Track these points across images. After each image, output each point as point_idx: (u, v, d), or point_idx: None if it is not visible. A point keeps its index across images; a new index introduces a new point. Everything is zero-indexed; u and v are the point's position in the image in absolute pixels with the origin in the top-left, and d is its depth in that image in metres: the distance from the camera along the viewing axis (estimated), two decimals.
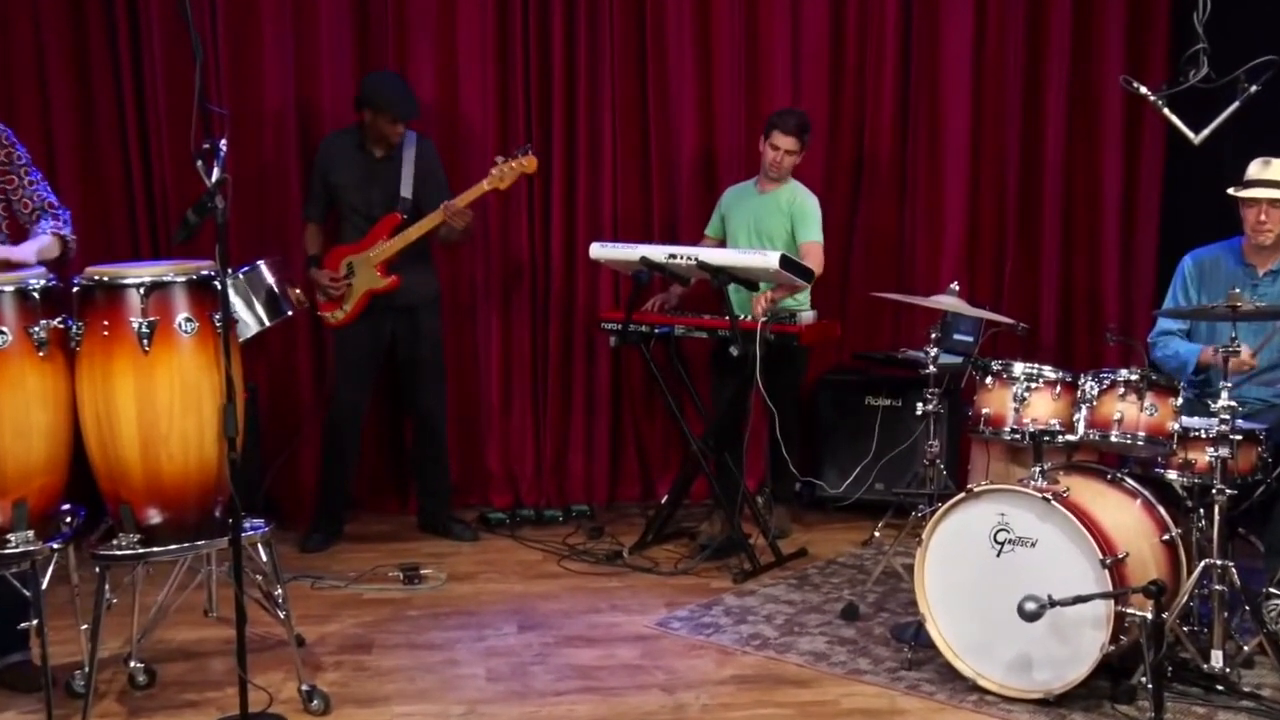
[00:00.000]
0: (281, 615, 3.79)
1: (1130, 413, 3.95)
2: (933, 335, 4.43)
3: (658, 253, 5.00)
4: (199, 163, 3.41)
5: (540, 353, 5.92)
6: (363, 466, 5.65)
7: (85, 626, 3.55)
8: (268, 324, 4.39)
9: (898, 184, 6.06)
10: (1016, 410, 4.09)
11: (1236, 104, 4.06)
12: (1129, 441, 3.96)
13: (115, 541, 3.51)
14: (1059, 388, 4.09)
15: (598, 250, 5.22)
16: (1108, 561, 3.59)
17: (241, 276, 4.26)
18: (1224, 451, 3.76)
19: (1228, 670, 3.73)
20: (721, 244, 5.44)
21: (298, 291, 5.14)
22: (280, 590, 3.78)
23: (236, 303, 4.14)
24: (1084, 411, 4.00)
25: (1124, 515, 3.87)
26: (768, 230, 5.29)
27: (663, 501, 5.40)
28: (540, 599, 4.70)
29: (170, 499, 3.50)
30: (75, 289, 3.51)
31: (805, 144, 5.24)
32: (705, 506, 5.55)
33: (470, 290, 5.84)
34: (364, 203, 5.19)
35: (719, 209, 5.53)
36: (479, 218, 5.44)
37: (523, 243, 5.84)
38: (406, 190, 5.15)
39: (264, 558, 3.74)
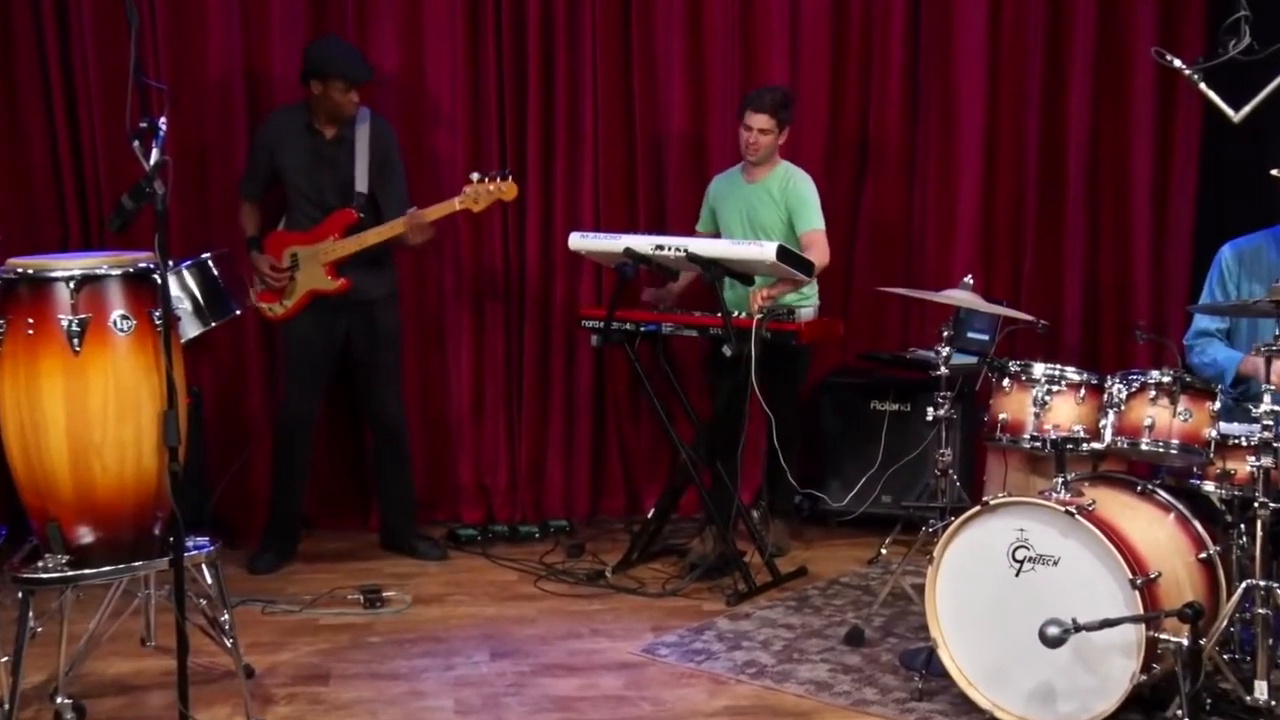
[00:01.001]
0: (228, 643, 3.76)
1: (1162, 418, 3.94)
2: (944, 334, 4.43)
3: (643, 243, 4.99)
4: (136, 143, 3.39)
5: (515, 353, 5.91)
6: (319, 479, 5.63)
7: (5, 659, 3.52)
8: (213, 323, 4.36)
9: (906, 168, 6.06)
10: (1037, 415, 4.09)
11: None
12: (1161, 450, 3.95)
13: (41, 563, 3.47)
14: (1083, 391, 4.08)
15: (577, 241, 5.21)
16: (1138, 582, 3.57)
17: (184, 270, 4.23)
18: (1267, 461, 3.74)
19: (1273, 703, 3.70)
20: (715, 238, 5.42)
21: (253, 291, 5.10)
22: (227, 616, 3.74)
23: (179, 298, 4.10)
24: (1111, 417, 4.00)
25: (1156, 531, 3.86)
26: (762, 223, 5.29)
27: (649, 516, 5.40)
28: (515, 623, 4.68)
29: (104, 515, 3.47)
30: None
31: (784, 121, 5.23)
32: (696, 521, 5.54)
33: (437, 285, 5.83)
34: (313, 189, 5.16)
35: (708, 201, 5.53)
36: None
37: (495, 233, 5.83)
38: (362, 182, 5.13)
39: (209, 580, 3.71)
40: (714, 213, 5.48)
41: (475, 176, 5.06)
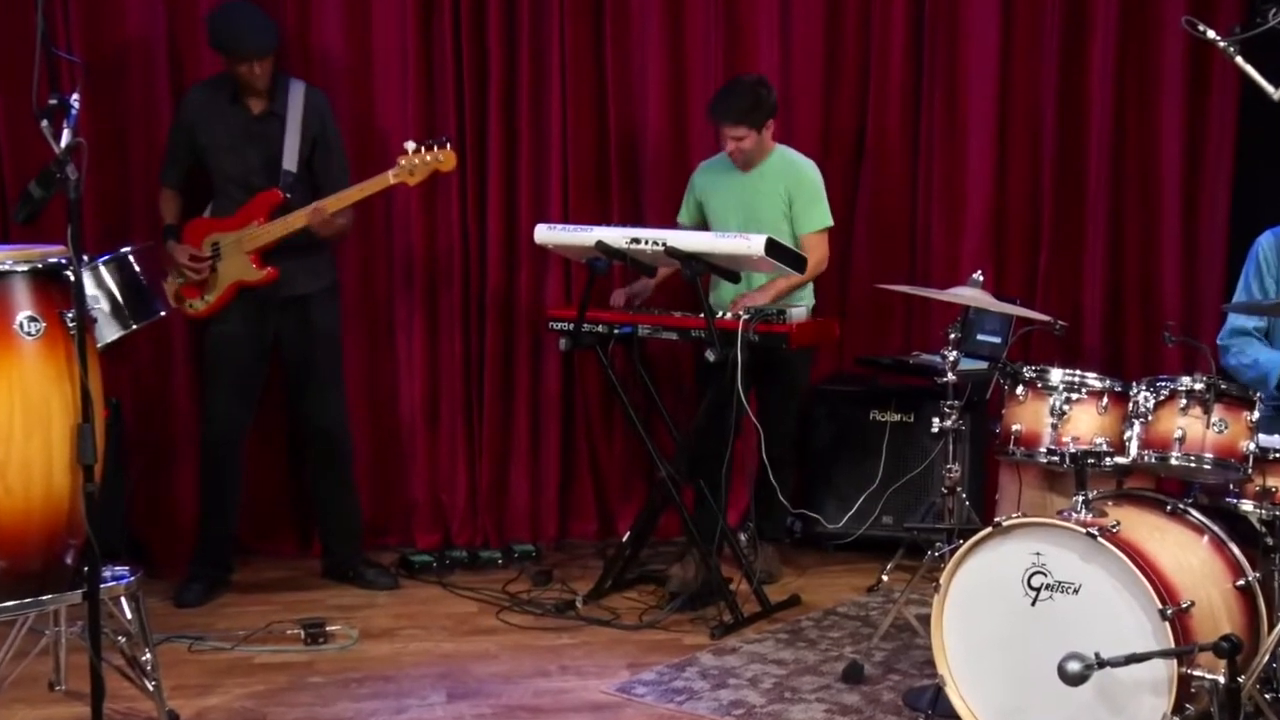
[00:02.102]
0: (150, 686, 3.74)
1: (1195, 429, 3.94)
2: (951, 336, 4.44)
3: (617, 236, 5.00)
4: (44, 123, 3.36)
5: (474, 356, 5.90)
6: (253, 498, 5.60)
7: None
8: (134, 326, 4.33)
9: (909, 153, 6.09)
10: (1054, 427, 4.10)
11: None
12: (1193, 465, 3.95)
13: None
14: (1106, 399, 4.09)
15: (544, 234, 5.21)
16: (1169, 612, 3.57)
17: (101, 266, 4.19)
18: None
19: None
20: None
21: (169, 285, 5.07)
22: (149, 655, 3.73)
23: (94, 298, 4.07)
24: (1137, 428, 4.00)
25: (1188, 555, 3.85)
26: (764, 217, 5.29)
27: (625, 539, 5.40)
28: (475, 660, 4.68)
29: (8, 543, 3.42)
30: None
31: (762, 119, 5.23)
32: (676, 545, 5.55)
33: (387, 283, 5.82)
34: (240, 169, 5.13)
35: (691, 191, 5.54)
36: (388, 202, 5.36)
37: (453, 222, 5.82)
38: (291, 159, 5.11)
39: (128, 614, 3.69)
40: (700, 206, 5.49)
41: (410, 146, 5.03)
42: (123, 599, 3.66)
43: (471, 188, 5.81)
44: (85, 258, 3.67)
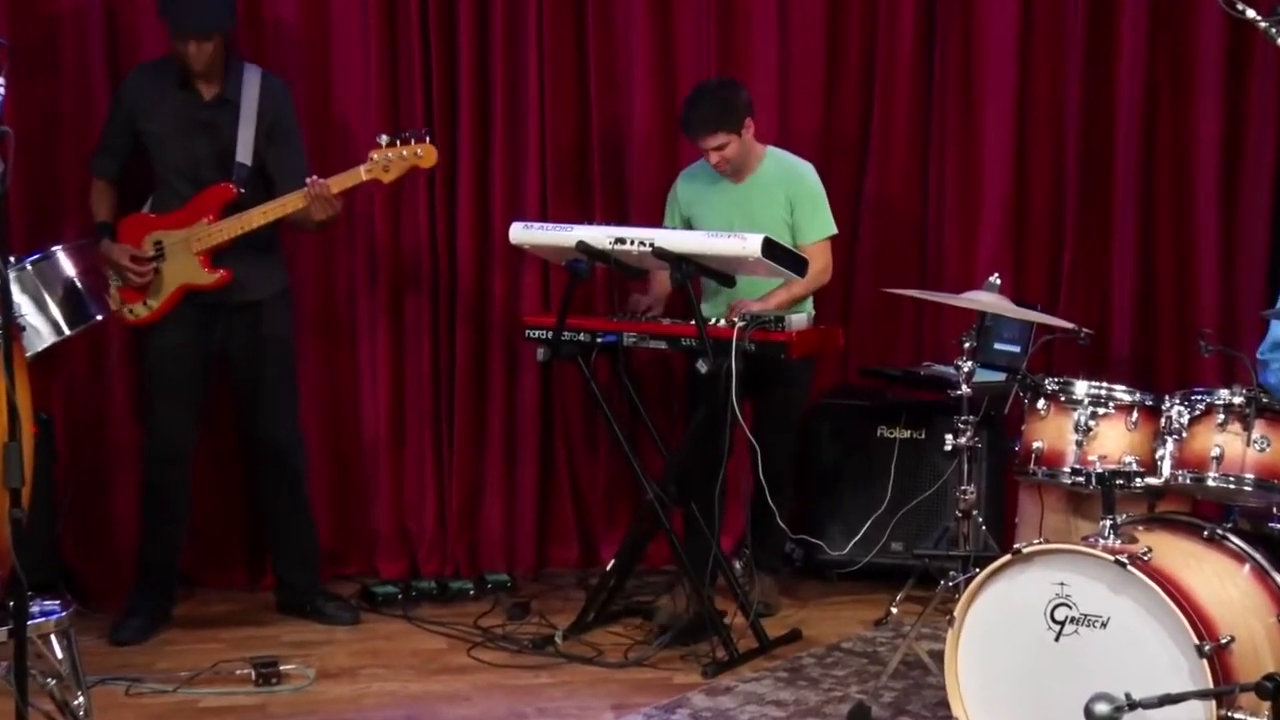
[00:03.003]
0: None
1: (1234, 447, 3.92)
2: (966, 345, 4.44)
3: (599, 236, 5.00)
4: None
5: (444, 368, 5.90)
6: (199, 525, 5.57)
7: None
8: (68, 332, 4.32)
9: (919, 144, 6.08)
10: (1079, 444, 4.10)
11: None
12: (1232, 486, 3.94)
13: None
14: (1136, 414, 4.09)
15: (520, 233, 5.21)
16: (1206, 648, 3.56)
17: (29, 267, 4.18)
18: None
19: None
20: None
21: (113, 288, 5.04)
22: (81, 699, 3.72)
23: (22, 303, 4.05)
24: (1170, 446, 3.99)
25: (1227, 586, 3.84)
26: (762, 228, 5.22)
27: (609, 568, 5.38)
28: (444, 701, 4.67)
29: None
30: None
31: (740, 121, 5.24)
32: (665, 575, 5.56)
33: (349, 288, 5.81)
34: (187, 160, 5.10)
35: (675, 204, 5.55)
36: (350, 197, 5.34)
37: (420, 220, 5.82)
38: (245, 151, 5.06)
39: (59, 653, 3.69)
40: (687, 221, 5.49)
41: (384, 139, 5.01)
42: (52, 636, 3.65)
43: (441, 182, 5.80)
44: (12, 258, 3.64)
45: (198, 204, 5.06)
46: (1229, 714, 3.53)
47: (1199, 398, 4.00)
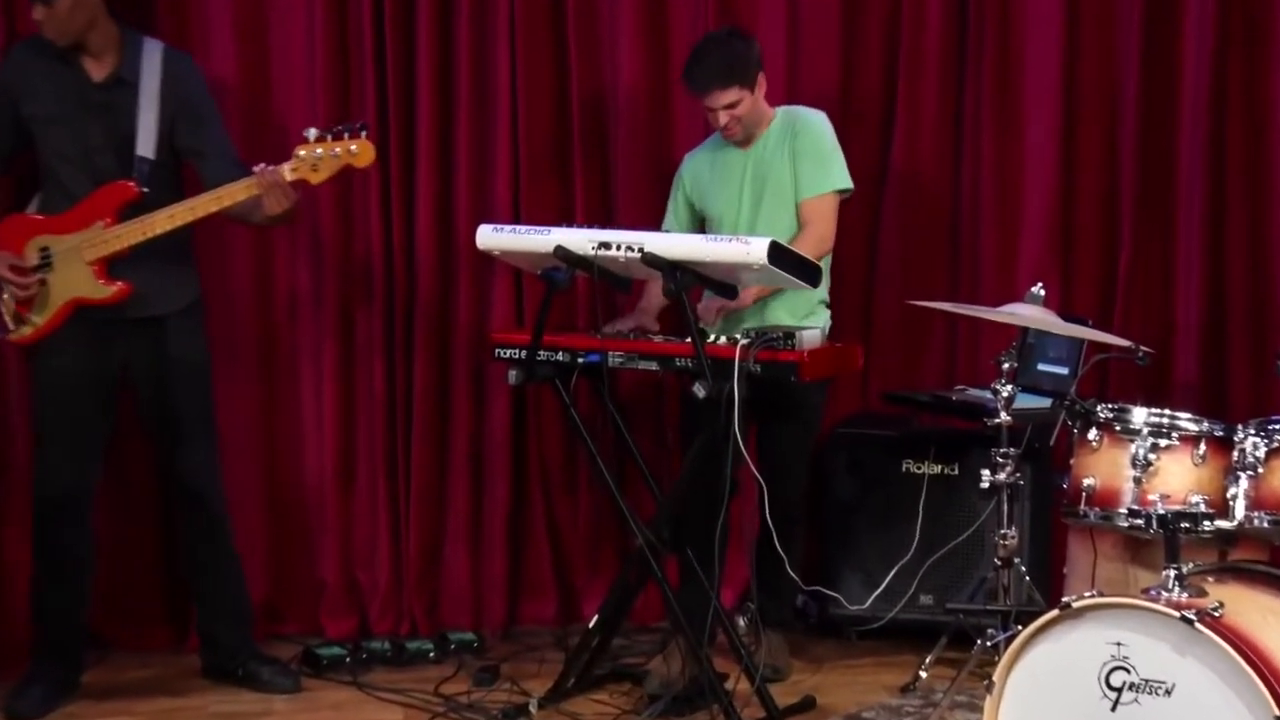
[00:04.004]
0: None
1: None
2: (1005, 366, 4.49)
3: (580, 240, 4.97)
4: None
5: (399, 396, 5.91)
6: (111, 577, 5.56)
7: None
8: None
9: (950, 135, 6.11)
10: (1138, 482, 4.12)
11: None
12: None
13: None
14: (1204, 446, 4.10)
15: (489, 237, 5.18)
16: None
17: None
18: None
19: None
20: None
21: (4, 297, 5.02)
22: None
23: None
24: (1244, 484, 4.02)
25: None
26: (783, 201, 5.29)
27: (591, 626, 5.38)
28: None
29: None
30: None
31: (753, 75, 5.26)
32: (657, 633, 5.59)
33: (288, 301, 5.83)
34: (78, 150, 5.06)
35: (680, 188, 5.56)
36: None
37: (372, 221, 5.83)
38: (146, 143, 5.02)
39: None
40: (692, 205, 5.51)
41: (312, 134, 4.95)
42: None
43: (396, 177, 5.81)
44: None
45: (92, 204, 5.00)
46: None
47: (1277, 428, 4.01)
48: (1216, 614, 3.67)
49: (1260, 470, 3.99)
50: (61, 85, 5.04)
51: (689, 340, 4.84)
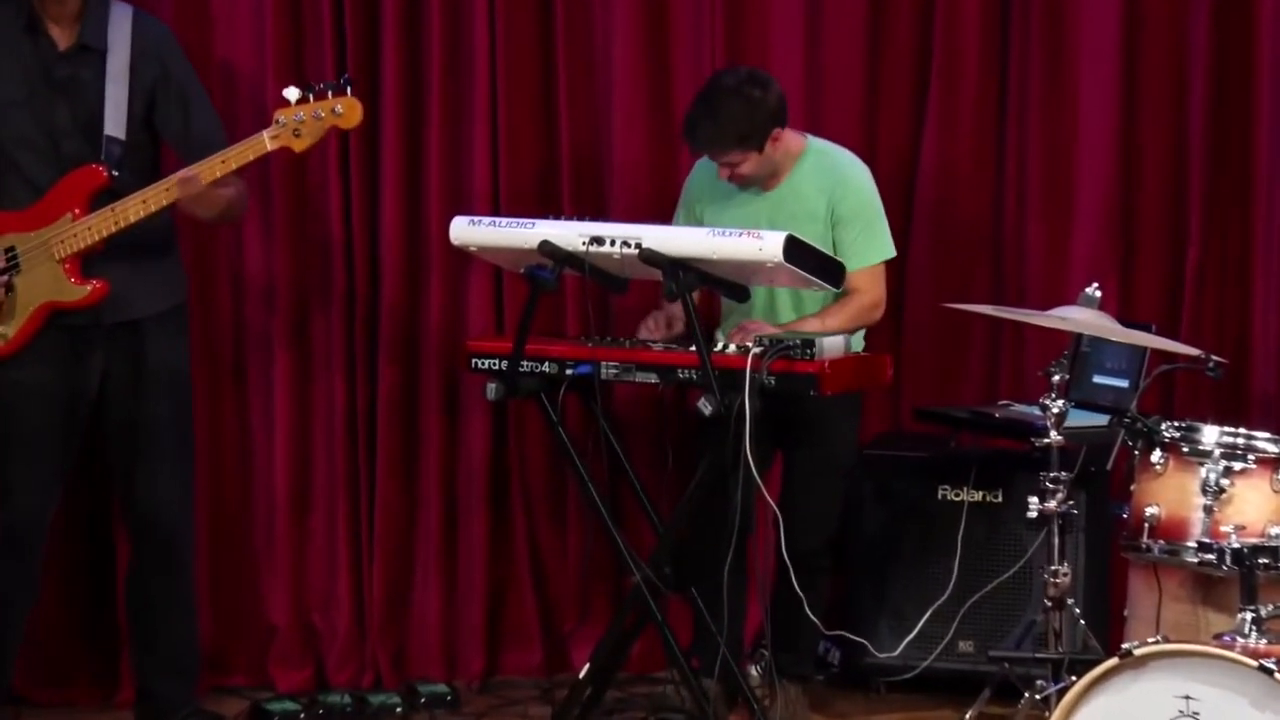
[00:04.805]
0: None
1: None
2: (1056, 378, 4.48)
3: (570, 234, 4.99)
4: None
5: (362, 412, 5.93)
6: (37, 628, 5.51)
7: None
8: None
9: (993, 116, 6.10)
10: (1209, 511, 4.14)
11: None
12: None
13: None
14: None
15: (465, 230, 5.22)
16: None
17: None
18: None
19: None
20: None
21: None
22: None
23: None
24: None
25: None
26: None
27: (582, 676, 5.37)
28: None
29: None
30: None
31: (764, 136, 5.21)
32: (659, 683, 5.56)
33: (234, 305, 5.85)
34: (42, 133, 5.06)
35: (686, 203, 5.57)
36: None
37: (331, 216, 5.85)
38: (116, 120, 5.01)
39: None
40: (701, 223, 5.47)
41: (293, 94, 4.93)
42: None
43: (358, 161, 5.84)
44: None
45: (58, 195, 4.99)
46: None
47: None
48: None
49: None
50: (23, 57, 5.02)
51: (693, 349, 4.88)
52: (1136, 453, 4.27)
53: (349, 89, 4.94)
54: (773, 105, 5.24)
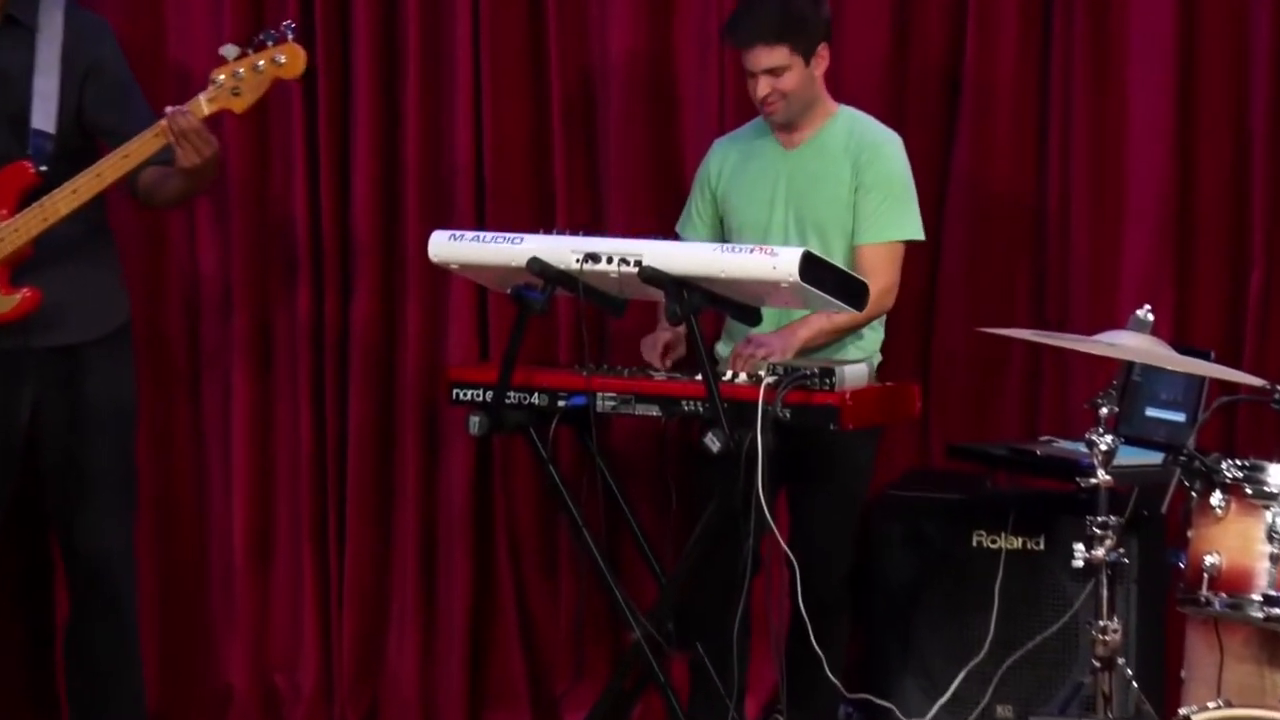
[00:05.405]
0: None
1: None
2: (1104, 411, 4.44)
3: (561, 250, 5.00)
4: None
5: (331, 448, 5.97)
6: None
7: None
8: None
9: (1032, 116, 6.09)
10: (1275, 560, 4.13)
11: None
12: None
13: None
14: None
15: (444, 246, 5.23)
16: None
17: None
18: None
19: None
20: None
21: None
22: None
23: None
24: None
25: None
26: (823, 215, 5.31)
27: None
28: None
29: None
30: None
31: (811, 42, 5.26)
32: None
33: (184, 323, 5.88)
34: None
35: (704, 184, 5.58)
36: None
37: (297, 230, 5.89)
38: (44, 113, 5.01)
39: None
40: (718, 203, 5.53)
41: (231, 52, 4.92)
42: None
43: (327, 166, 5.87)
44: None
45: None
46: None
47: None
48: None
49: None
50: None
51: (699, 378, 4.87)
52: (1194, 495, 4.26)
53: (290, 34, 4.92)
54: (823, 14, 5.31)
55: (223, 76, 4.91)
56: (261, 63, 4.91)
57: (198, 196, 5.38)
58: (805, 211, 5.32)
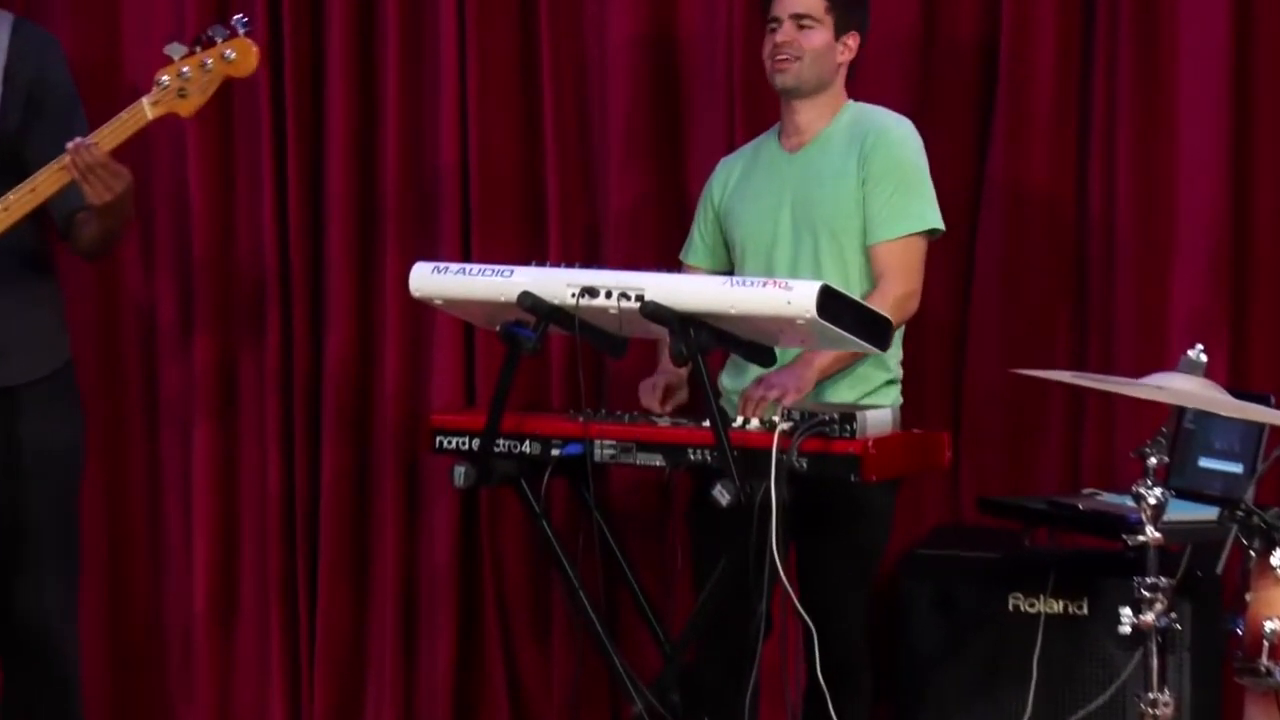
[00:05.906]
0: None
1: None
2: (1153, 461, 4.44)
3: (556, 284, 4.98)
4: None
5: (301, 499, 5.98)
6: None
7: None
8: None
9: (1072, 133, 6.09)
10: None
11: None
12: None
13: None
14: None
15: (427, 279, 5.21)
16: None
17: None
18: None
19: None
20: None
21: None
22: None
23: None
24: None
25: None
26: (833, 223, 5.32)
27: None
28: None
29: None
30: None
31: (847, 24, 5.29)
32: None
33: (142, 360, 5.92)
34: None
35: (709, 204, 5.59)
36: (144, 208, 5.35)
37: (266, 259, 5.92)
38: None
39: None
40: (719, 221, 5.54)
41: (176, 50, 4.92)
42: None
43: (296, 188, 5.90)
44: None
45: None
46: None
47: None
48: None
49: None
50: None
51: (707, 424, 4.86)
52: (1253, 554, 4.26)
53: (242, 29, 4.91)
54: (866, 4, 5.37)
55: (167, 77, 4.91)
56: (210, 60, 4.90)
57: (120, 239, 5.31)
58: (813, 216, 5.31)
